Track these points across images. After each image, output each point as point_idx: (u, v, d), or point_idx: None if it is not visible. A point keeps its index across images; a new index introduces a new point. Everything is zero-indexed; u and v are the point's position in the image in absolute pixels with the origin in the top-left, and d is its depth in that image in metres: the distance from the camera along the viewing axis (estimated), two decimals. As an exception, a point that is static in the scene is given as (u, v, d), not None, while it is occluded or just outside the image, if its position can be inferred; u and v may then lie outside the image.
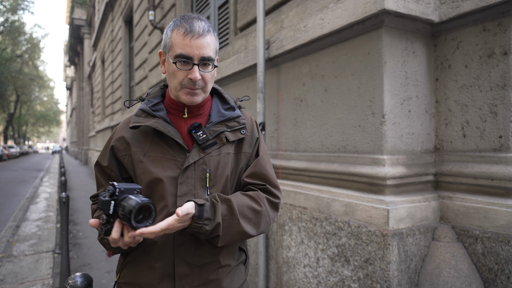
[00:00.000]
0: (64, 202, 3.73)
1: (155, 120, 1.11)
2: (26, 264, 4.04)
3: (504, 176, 1.82)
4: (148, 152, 1.11)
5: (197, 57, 1.07)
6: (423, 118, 2.16)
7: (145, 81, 7.56)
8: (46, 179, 13.45)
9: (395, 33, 2.05)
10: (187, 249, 1.09)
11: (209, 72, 1.11)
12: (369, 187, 2.09)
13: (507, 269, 1.76)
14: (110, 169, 1.15)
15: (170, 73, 1.11)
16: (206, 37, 1.08)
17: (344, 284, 2.13)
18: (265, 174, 1.19)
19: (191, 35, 1.06)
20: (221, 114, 1.17)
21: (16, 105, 39.06)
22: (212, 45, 1.10)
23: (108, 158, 1.16)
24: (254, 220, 1.12)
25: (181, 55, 1.06)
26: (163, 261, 1.08)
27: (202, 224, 1.02)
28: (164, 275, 1.08)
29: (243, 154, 1.19)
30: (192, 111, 1.17)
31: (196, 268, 1.10)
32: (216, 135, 1.13)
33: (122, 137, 1.16)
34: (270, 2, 3.08)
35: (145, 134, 1.14)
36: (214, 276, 1.12)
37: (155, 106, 1.16)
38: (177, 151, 1.11)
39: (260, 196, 1.15)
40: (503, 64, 1.86)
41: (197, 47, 1.06)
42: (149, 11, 6.25)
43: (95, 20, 18.00)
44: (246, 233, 1.10)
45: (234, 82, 3.64)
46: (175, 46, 1.08)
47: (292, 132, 2.77)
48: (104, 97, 14.98)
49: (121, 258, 1.20)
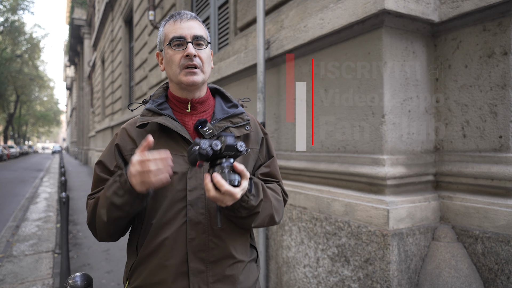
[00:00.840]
0: (64, 202, 3.73)
1: (162, 117, 1.12)
2: (26, 264, 4.04)
3: (504, 176, 1.82)
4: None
5: (189, 36, 1.12)
6: (423, 118, 2.16)
7: (145, 81, 7.56)
8: (46, 179, 13.45)
9: (395, 33, 2.05)
10: (200, 244, 1.07)
11: (204, 51, 1.14)
12: (369, 187, 2.09)
13: (507, 269, 1.76)
14: (118, 167, 1.12)
15: (168, 61, 1.15)
16: (194, 21, 1.16)
17: (344, 284, 2.13)
18: (277, 175, 1.27)
19: (179, 19, 1.15)
20: (225, 111, 1.20)
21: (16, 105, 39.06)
22: (201, 29, 1.17)
23: (114, 157, 1.14)
24: (278, 208, 1.17)
25: (174, 37, 1.12)
26: (176, 258, 1.06)
27: (249, 198, 1.03)
28: (177, 273, 1.05)
29: (251, 150, 1.21)
30: (195, 106, 1.18)
31: (211, 264, 1.08)
32: (222, 130, 1.14)
33: (127, 136, 1.16)
34: (270, 2, 3.08)
35: (151, 133, 1.12)
36: (230, 272, 1.10)
37: (160, 105, 1.17)
38: (184, 146, 1.11)
39: (277, 188, 1.23)
40: (503, 64, 1.86)
41: (187, 27, 1.13)
42: (149, 11, 6.25)
43: (95, 20, 18.01)
44: (273, 217, 1.14)
45: (234, 82, 3.64)
46: (168, 34, 1.15)
47: (292, 132, 2.77)
48: (104, 97, 14.98)
49: (128, 263, 1.16)
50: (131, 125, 1.19)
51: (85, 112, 24.24)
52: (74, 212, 6.93)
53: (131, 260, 1.13)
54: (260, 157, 1.25)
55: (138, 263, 1.10)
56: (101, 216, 1.04)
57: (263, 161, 1.26)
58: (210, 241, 1.08)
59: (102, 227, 1.06)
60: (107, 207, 1.01)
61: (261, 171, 1.24)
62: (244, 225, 1.12)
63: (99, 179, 1.14)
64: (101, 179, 1.13)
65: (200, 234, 1.07)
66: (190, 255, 1.06)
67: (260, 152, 1.25)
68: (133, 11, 8.72)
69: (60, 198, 3.82)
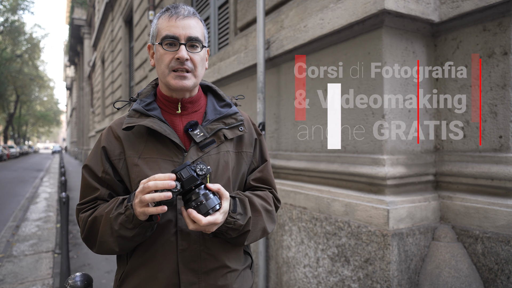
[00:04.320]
0: (64, 202, 3.73)
1: (150, 119, 1.05)
2: (26, 264, 4.04)
3: (504, 176, 1.82)
4: (142, 154, 1.05)
5: (183, 36, 1.03)
6: (423, 118, 2.16)
7: (145, 81, 7.56)
8: (46, 179, 13.45)
9: (395, 33, 2.05)
10: (192, 255, 1.02)
11: (197, 54, 1.06)
12: (369, 187, 2.09)
13: (507, 269, 1.76)
14: (105, 172, 1.06)
15: (157, 59, 1.07)
16: (192, 19, 1.06)
17: (344, 284, 2.13)
18: (270, 180, 1.21)
19: (175, 16, 1.05)
20: (217, 111, 1.13)
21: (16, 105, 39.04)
22: (198, 28, 1.07)
23: (101, 161, 1.07)
24: (269, 219, 1.13)
25: (167, 36, 1.03)
26: (166, 270, 1.01)
27: (236, 218, 1.00)
28: (168, 285, 1.01)
29: (245, 154, 1.15)
30: (186, 106, 1.12)
31: (203, 275, 1.03)
32: (214, 133, 1.08)
33: (114, 138, 1.08)
34: (270, 2, 3.08)
35: (138, 136, 1.07)
36: (223, 282, 1.06)
37: (148, 106, 1.09)
38: (174, 151, 1.05)
39: (269, 196, 1.17)
40: (503, 64, 1.86)
41: (183, 27, 1.04)
42: (149, 11, 6.25)
43: (95, 20, 18.01)
44: (266, 230, 1.11)
45: (234, 82, 3.64)
46: (161, 30, 1.06)
47: (292, 132, 2.77)
48: (104, 97, 14.98)
49: (118, 272, 1.11)
50: (117, 126, 1.10)
51: (85, 112, 24.24)
52: (74, 212, 6.93)
53: (121, 269, 1.09)
54: (253, 161, 1.19)
55: (128, 273, 1.06)
56: (110, 244, 0.99)
57: (256, 165, 1.20)
58: (202, 251, 1.04)
59: (109, 250, 1.02)
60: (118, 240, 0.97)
61: (253, 176, 1.18)
62: (238, 244, 1.08)
63: (87, 185, 1.07)
64: (89, 185, 1.07)
65: (191, 244, 1.03)
66: (181, 266, 1.02)
67: (254, 156, 1.19)
68: (133, 11, 8.72)
69: (60, 198, 3.82)
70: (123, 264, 1.09)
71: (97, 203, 1.06)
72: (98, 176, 1.06)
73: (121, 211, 0.95)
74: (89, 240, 1.05)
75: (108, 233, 0.98)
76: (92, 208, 1.06)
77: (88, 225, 1.03)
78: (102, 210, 1.01)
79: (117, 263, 1.13)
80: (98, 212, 1.02)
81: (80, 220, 1.06)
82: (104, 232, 0.99)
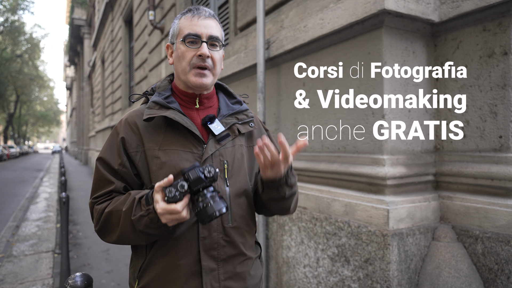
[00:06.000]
0: (64, 202, 3.73)
1: (171, 111, 1.08)
2: (26, 264, 4.04)
3: (504, 176, 1.82)
4: (162, 146, 1.07)
5: (205, 35, 1.09)
6: (423, 118, 2.16)
7: (145, 81, 7.56)
8: (46, 179, 13.44)
9: (395, 33, 2.05)
10: (212, 243, 1.06)
11: (217, 52, 1.12)
12: (369, 187, 2.09)
13: (507, 269, 1.76)
14: (122, 165, 1.07)
15: (178, 56, 1.11)
16: (212, 20, 1.13)
17: (344, 284, 2.13)
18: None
19: (197, 16, 1.11)
20: (230, 107, 1.19)
21: (16, 105, 39.05)
22: (218, 29, 1.14)
23: (118, 153, 1.07)
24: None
25: (190, 34, 1.09)
26: (189, 257, 1.05)
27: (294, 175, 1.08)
28: (190, 272, 1.05)
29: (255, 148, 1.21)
30: (203, 102, 1.17)
31: (222, 262, 1.07)
32: (229, 127, 1.13)
33: (131, 130, 1.10)
34: (270, 2, 3.08)
35: (156, 128, 1.10)
36: (241, 269, 1.11)
37: (167, 99, 1.13)
38: (193, 142, 1.09)
39: None
40: (503, 64, 1.86)
41: (205, 26, 1.10)
42: (149, 11, 6.25)
43: (95, 20, 18.01)
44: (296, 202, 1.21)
45: (234, 82, 3.64)
46: (183, 29, 1.11)
47: (292, 132, 2.77)
48: (104, 97, 14.98)
49: (136, 264, 1.12)
50: (134, 117, 1.12)
51: (85, 112, 24.24)
52: (74, 212, 6.93)
53: (140, 260, 1.10)
54: None
55: (149, 262, 1.08)
56: (134, 239, 1.02)
57: None
58: (221, 239, 1.07)
59: (132, 243, 1.07)
60: (142, 236, 1.00)
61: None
62: (283, 208, 1.16)
63: (101, 178, 1.08)
64: (103, 178, 1.08)
65: (212, 232, 1.06)
66: (203, 254, 1.05)
67: None
68: (133, 11, 8.72)
69: (60, 198, 3.82)
70: (141, 255, 1.10)
71: (112, 196, 1.08)
72: (114, 169, 1.08)
73: (143, 214, 0.97)
74: (103, 232, 1.07)
75: (130, 230, 1.00)
76: (107, 200, 1.08)
77: (104, 218, 1.05)
78: (119, 205, 1.02)
79: (134, 255, 1.15)
80: (115, 206, 1.03)
81: (95, 212, 1.08)
82: (125, 228, 1.01)
